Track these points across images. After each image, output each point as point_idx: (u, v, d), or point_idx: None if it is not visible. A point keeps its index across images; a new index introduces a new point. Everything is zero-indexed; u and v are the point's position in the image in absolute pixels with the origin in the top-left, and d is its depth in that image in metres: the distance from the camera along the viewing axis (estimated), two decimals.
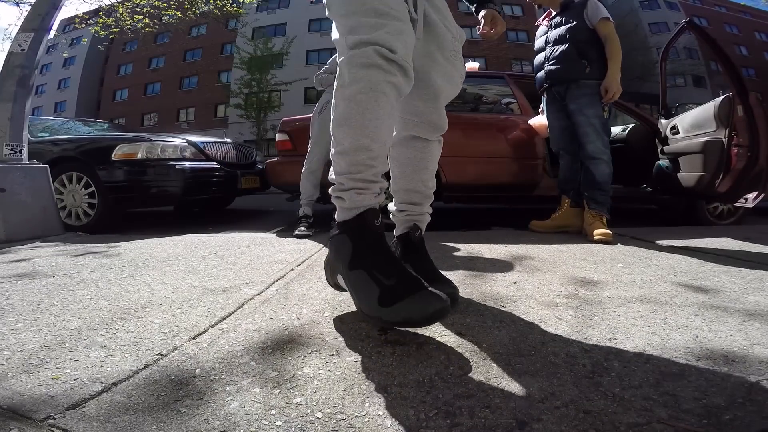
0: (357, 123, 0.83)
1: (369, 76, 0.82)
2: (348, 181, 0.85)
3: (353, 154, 0.84)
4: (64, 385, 0.63)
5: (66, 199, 2.97)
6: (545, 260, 1.53)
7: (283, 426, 0.52)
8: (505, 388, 0.61)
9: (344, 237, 0.85)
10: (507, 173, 2.88)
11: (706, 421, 0.52)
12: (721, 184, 2.37)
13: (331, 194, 0.88)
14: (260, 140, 19.30)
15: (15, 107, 2.54)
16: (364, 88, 0.82)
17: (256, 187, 3.81)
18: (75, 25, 15.13)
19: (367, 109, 0.82)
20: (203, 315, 0.94)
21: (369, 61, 0.81)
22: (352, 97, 0.83)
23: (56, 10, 2.80)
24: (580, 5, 2.19)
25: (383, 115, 0.84)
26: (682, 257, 1.57)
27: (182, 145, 3.18)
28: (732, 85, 2.34)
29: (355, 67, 0.82)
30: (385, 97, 0.83)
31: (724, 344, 0.76)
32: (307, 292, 1.13)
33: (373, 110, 0.83)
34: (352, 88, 0.83)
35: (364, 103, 0.82)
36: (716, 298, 1.05)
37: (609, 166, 2.19)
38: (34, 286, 1.23)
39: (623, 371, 0.66)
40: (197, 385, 0.62)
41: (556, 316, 0.91)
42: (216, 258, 1.63)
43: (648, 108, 12.50)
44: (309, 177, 2.45)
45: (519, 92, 3.11)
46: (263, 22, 25.19)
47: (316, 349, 0.75)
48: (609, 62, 2.12)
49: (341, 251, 0.85)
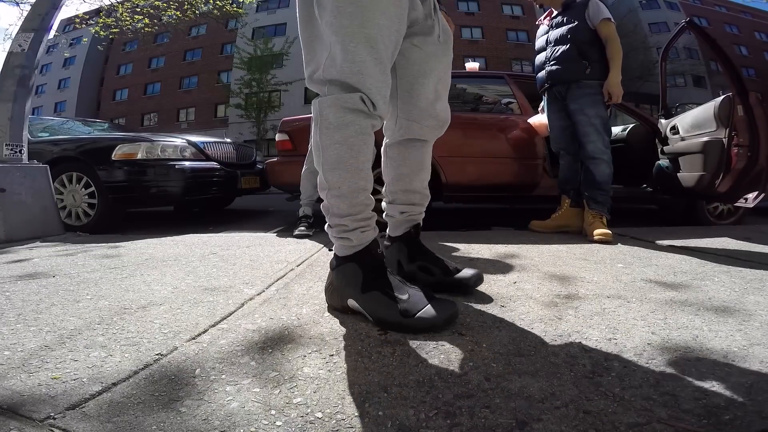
0: (352, 167, 0.87)
1: (358, 120, 0.85)
2: (351, 222, 0.90)
3: (352, 197, 0.89)
4: (64, 385, 0.63)
5: (66, 199, 2.96)
6: (545, 260, 1.53)
7: (283, 426, 0.52)
8: (505, 388, 0.61)
9: (353, 266, 0.90)
10: (507, 173, 2.88)
11: (706, 421, 0.52)
12: (721, 184, 2.37)
13: (333, 234, 0.93)
14: (260, 140, 19.29)
15: (15, 107, 2.54)
16: (356, 132, 0.85)
17: (256, 187, 3.81)
18: (75, 25, 15.12)
19: (360, 152, 0.87)
20: (203, 315, 0.94)
21: (357, 108, 0.84)
22: (345, 140, 0.85)
23: (56, 10, 2.80)
24: (581, 5, 2.19)
25: (370, 156, 0.90)
26: (682, 257, 1.57)
27: (182, 145, 3.18)
28: (732, 85, 2.34)
29: (342, 110, 0.84)
30: (371, 138, 0.89)
31: (724, 344, 0.76)
32: (307, 292, 1.13)
33: (365, 152, 0.87)
34: (343, 132, 0.85)
35: (357, 146, 0.86)
36: (716, 298, 1.05)
37: (609, 166, 2.19)
38: (34, 286, 1.23)
39: (623, 371, 0.66)
40: (197, 385, 0.62)
41: (556, 316, 0.91)
42: (216, 258, 1.63)
43: (648, 108, 12.51)
44: (309, 177, 2.44)
45: (519, 92, 3.11)
46: (263, 22, 25.19)
47: (316, 349, 0.75)
48: (610, 64, 2.11)
49: (351, 278, 0.90)
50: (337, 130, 0.85)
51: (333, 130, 0.85)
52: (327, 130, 0.86)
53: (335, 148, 0.86)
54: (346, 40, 0.81)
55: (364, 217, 0.91)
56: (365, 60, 0.81)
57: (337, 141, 0.86)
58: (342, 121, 0.84)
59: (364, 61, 0.81)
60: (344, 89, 0.84)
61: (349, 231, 0.90)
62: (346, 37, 0.81)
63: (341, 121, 0.84)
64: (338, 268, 0.94)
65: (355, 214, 0.90)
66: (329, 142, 0.86)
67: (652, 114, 3.31)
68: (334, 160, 0.87)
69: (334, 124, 0.85)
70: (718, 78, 20.41)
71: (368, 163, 0.90)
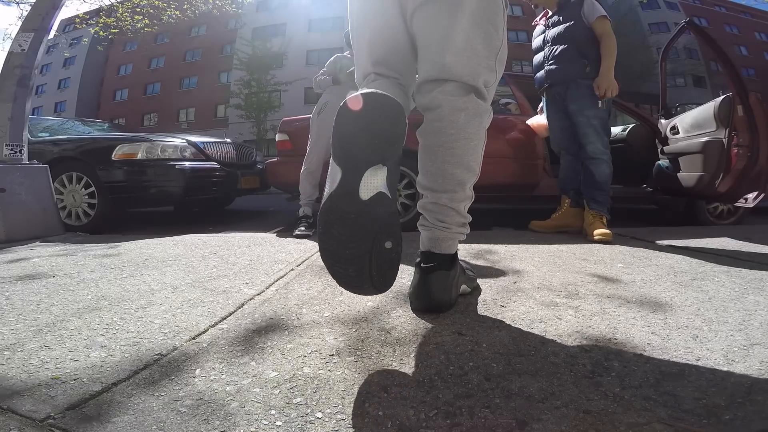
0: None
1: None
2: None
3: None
4: (64, 385, 0.63)
5: (66, 199, 2.96)
6: (545, 260, 1.53)
7: (283, 426, 0.52)
8: (505, 388, 0.61)
9: (457, 258, 0.97)
10: (507, 173, 2.87)
11: (706, 421, 0.52)
12: (721, 184, 2.37)
13: (457, 230, 0.94)
14: (260, 140, 19.27)
15: (15, 107, 2.54)
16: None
17: (256, 187, 3.81)
18: (75, 25, 15.13)
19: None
20: (203, 315, 0.94)
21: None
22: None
23: (56, 10, 2.79)
24: (576, 4, 2.18)
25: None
26: (682, 257, 1.57)
27: (182, 145, 3.18)
28: (732, 85, 2.34)
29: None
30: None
31: (723, 344, 0.76)
32: (307, 292, 1.13)
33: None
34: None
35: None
36: (716, 298, 1.05)
37: (609, 166, 2.19)
38: (34, 286, 1.23)
39: (623, 371, 0.66)
40: (197, 385, 0.62)
41: (556, 316, 0.91)
42: (216, 258, 1.63)
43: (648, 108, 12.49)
44: (308, 177, 2.44)
45: (519, 92, 3.11)
46: (263, 22, 25.19)
47: (316, 349, 0.75)
48: (603, 59, 2.11)
49: (458, 270, 0.98)
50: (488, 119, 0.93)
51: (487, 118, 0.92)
52: (488, 117, 0.93)
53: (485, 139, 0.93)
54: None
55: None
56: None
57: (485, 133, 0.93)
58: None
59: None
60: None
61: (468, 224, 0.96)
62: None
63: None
64: (456, 264, 0.96)
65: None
66: (484, 134, 0.92)
67: (652, 114, 3.31)
68: (482, 150, 0.93)
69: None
70: (718, 78, 20.38)
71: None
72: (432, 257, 0.92)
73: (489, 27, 0.87)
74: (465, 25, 0.85)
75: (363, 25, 0.98)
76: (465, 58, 0.85)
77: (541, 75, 2.33)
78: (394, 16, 0.92)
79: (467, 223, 0.95)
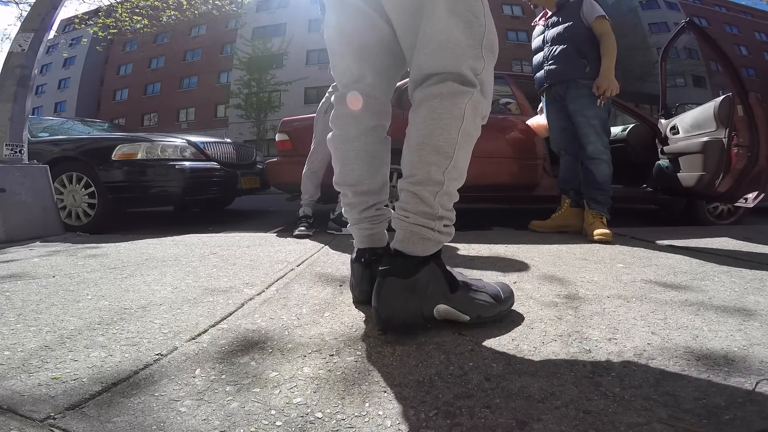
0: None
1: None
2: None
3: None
4: (64, 385, 0.63)
5: (66, 199, 2.97)
6: (545, 260, 1.53)
7: (283, 426, 0.52)
8: (505, 388, 0.61)
9: (433, 266, 0.81)
10: (507, 173, 2.88)
11: (706, 421, 0.52)
12: (721, 184, 2.37)
13: (438, 229, 0.81)
14: (260, 140, 19.28)
15: (15, 107, 2.54)
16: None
17: (256, 187, 3.81)
18: (75, 25, 15.15)
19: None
20: (203, 315, 0.94)
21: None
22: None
23: (56, 10, 2.79)
24: (575, 4, 2.18)
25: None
26: (682, 257, 1.57)
27: (182, 145, 3.18)
28: (732, 85, 2.34)
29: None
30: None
31: (724, 344, 0.76)
32: (307, 292, 1.13)
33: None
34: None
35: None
36: (716, 297, 1.05)
37: (609, 166, 2.19)
38: (34, 286, 1.23)
39: (623, 371, 0.66)
40: (197, 385, 0.62)
41: (556, 316, 0.91)
42: (216, 258, 1.63)
43: (648, 108, 12.50)
44: (311, 177, 2.42)
45: (519, 92, 3.11)
46: (263, 22, 25.21)
47: (316, 349, 0.75)
48: (602, 58, 2.11)
49: (437, 280, 0.81)
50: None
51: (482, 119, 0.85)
52: (482, 119, 0.85)
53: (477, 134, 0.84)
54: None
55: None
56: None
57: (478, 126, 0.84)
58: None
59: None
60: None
61: (454, 224, 0.85)
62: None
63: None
64: (422, 270, 0.79)
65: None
66: (461, 115, 0.79)
67: (652, 114, 3.31)
68: (472, 145, 0.83)
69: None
70: (718, 78, 20.41)
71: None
72: (390, 258, 0.82)
73: (468, 15, 0.78)
74: (442, 16, 0.77)
75: (343, 32, 0.93)
76: (447, 51, 0.78)
77: (541, 75, 2.33)
78: (374, 18, 0.88)
79: (441, 217, 0.81)
